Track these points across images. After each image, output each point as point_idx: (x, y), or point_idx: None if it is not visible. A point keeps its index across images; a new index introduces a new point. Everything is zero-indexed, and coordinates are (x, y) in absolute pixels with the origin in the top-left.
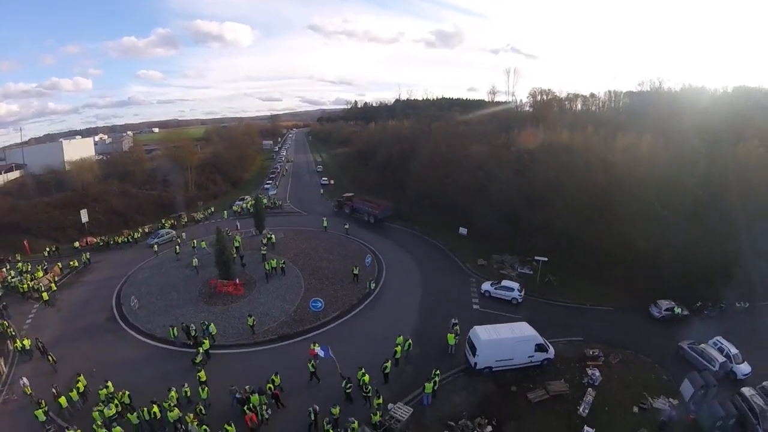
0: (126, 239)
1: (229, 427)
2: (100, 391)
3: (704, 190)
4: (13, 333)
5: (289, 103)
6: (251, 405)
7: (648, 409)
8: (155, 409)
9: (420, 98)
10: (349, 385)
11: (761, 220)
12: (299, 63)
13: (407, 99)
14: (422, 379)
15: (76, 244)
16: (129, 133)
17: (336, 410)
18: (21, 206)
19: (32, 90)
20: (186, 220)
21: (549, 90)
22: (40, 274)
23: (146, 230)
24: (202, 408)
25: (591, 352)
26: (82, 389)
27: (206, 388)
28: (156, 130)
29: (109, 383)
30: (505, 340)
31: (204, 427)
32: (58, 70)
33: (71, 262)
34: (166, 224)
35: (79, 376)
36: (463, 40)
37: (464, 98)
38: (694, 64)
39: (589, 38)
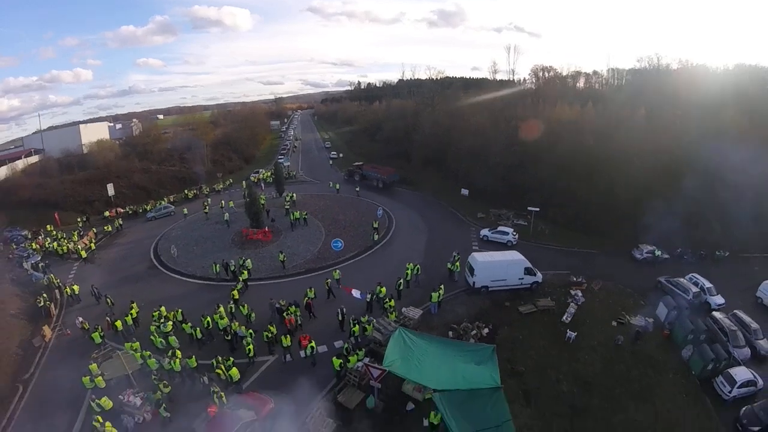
0: (155, 206)
1: (271, 327)
2: (153, 313)
3: (683, 151)
4: (60, 284)
5: (291, 87)
6: (289, 312)
7: (625, 323)
8: (207, 319)
9: (424, 77)
10: (369, 296)
11: (739, 180)
12: (300, 46)
13: (411, 79)
14: (429, 298)
15: (107, 213)
16: (136, 120)
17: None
18: (47, 183)
19: (33, 84)
20: (208, 190)
21: (551, 67)
22: (76, 238)
23: (171, 199)
24: (252, 313)
25: (575, 279)
26: (135, 315)
27: (246, 305)
28: (161, 116)
29: (162, 307)
30: (498, 262)
31: (249, 330)
32: (58, 63)
33: (105, 227)
34: (189, 194)
35: (132, 303)
36: (465, 19)
37: (468, 77)
38: (696, 41)
39: (591, 14)
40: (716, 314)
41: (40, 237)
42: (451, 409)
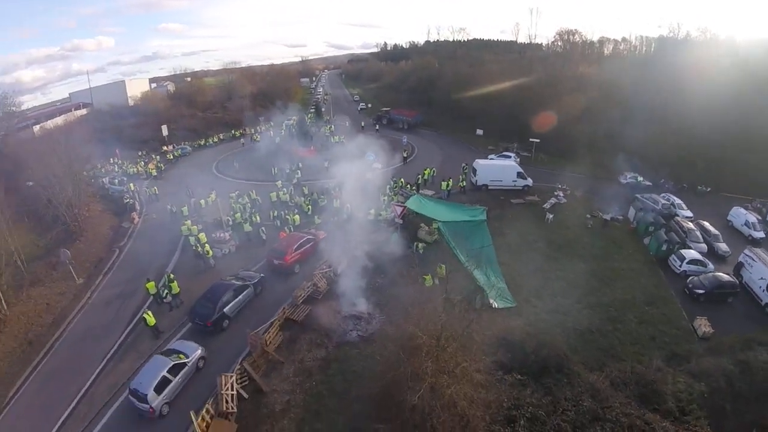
0: (206, 142)
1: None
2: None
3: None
4: (138, 189)
5: (316, 49)
6: None
7: (597, 217)
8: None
9: (450, 39)
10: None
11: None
12: (324, 6)
13: (437, 40)
14: (440, 186)
15: (164, 147)
16: (170, 82)
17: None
18: (103, 127)
19: (55, 54)
20: (252, 130)
21: (576, 30)
22: (141, 164)
23: (221, 137)
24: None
25: (560, 185)
26: (214, 198)
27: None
28: (188, 79)
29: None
30: (496, 165)
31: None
32: (79, 32)
33: (168, 155)
34: (236, 134)
35: (212, 192)
36: None
37: (495, 39)
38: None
39: None
40: (679, 219)
41: (107, 165)
42: (450, 233)
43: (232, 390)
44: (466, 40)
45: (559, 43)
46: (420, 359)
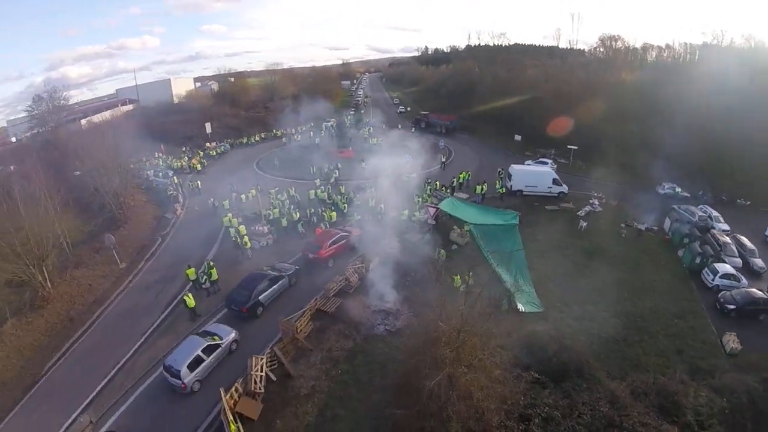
0: (248, 141)
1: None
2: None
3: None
4: (181, 183)
5: (357, 52)
6: None
7: (632, 227)
8: (311, 192)
9: (492, 44)
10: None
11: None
12: (366, 9)
13: (477, 45)
14: (474, 190)
15: (207, 144)
16: (213, 81)
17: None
18: (149, 123)
19: (102, 51)
20: (293, 130)
21: (619, 36)
22: (185, 159)
23: (263, 136)
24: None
25: (595, 193)
26: (254, 193)
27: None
28: (231, 79)
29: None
30: (531, 171)
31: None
32: (125, 32)
33: (210, 152)
34: (277, 133)
35: (252, 189)
36: None
37: (537, 44)
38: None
39: None
40: (715, 231)
41: (152, 159)
42: (481, 236)
43: (261, 372)
44: (506, 45)
45: (601, 49)
46: (440, 348)
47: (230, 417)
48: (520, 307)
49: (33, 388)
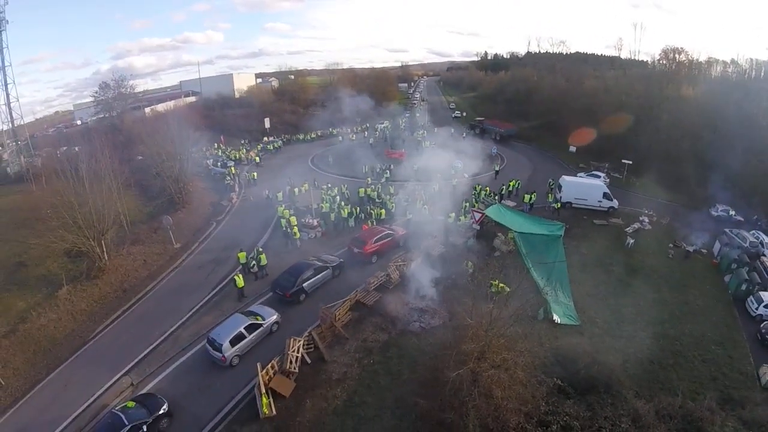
0: (304, 137)
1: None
2: (323, 186)
3: None
4: (238, 173)
5: (417, 55)
6: None
7: (680, 247)
8: (361, 191)
9: (552, 51)
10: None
11: None
12: (428, 12)
13: (537, 52)
14: (522, 198)
15: (265, 138)
16: (274, 78)
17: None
18: (211, 115)
19: (167, 44)
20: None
21: (682, 48)
22: (244, 151)
23: (318, 134)
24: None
25: (646, 211)
26: (307, 188)
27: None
28: (291, 77)
29: (325, 185)
30: (582, 183)
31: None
32: (190, 26)
33: (268, 146)
34: (332, 132)
35: (305, 183)
36: None
37: (598, 54)
38: None
39: None
40: (765, 259)
41: (212, 149)
42: (524, 244)
43: (298, 353)
44: (567, 53)
45: (664, 62)
46: (465, 344)
47: (263, 391)
48: (556, 318)
49: (81, 349)
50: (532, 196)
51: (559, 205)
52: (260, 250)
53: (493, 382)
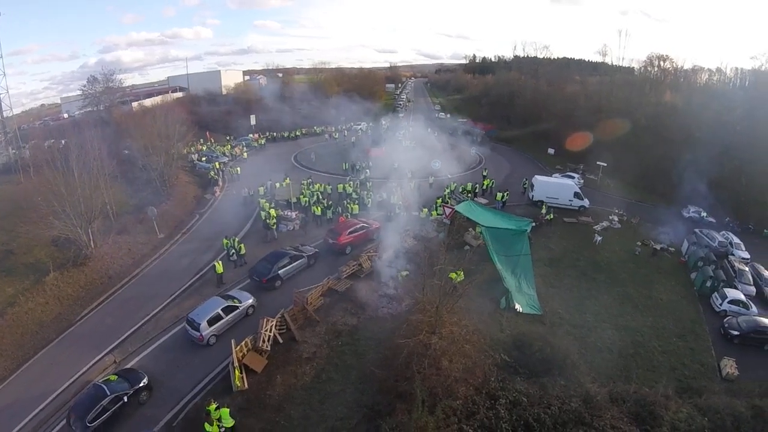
0: (290, 135)
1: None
2: (303, 181)
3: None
4: (223, 168)
5: (406, 56)
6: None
7: (648, 245)
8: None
9: (540, 56)
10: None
11: None
12: (418, 14)
13: (525, 56)
14: (494, 197)
15: (250, 135)
16: (262, 76)
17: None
18: (197, 110)
19: (155, 39)
20: (333, 128)
21: (667, 56)
22: (229, 147)
23: (303, 132)
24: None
25: (616, 210)
26: (288, 182)
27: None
28: (280, 75)
29: (305, 180)
30: (553, 182)
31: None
32: (179, 21)
33: (253, 142)
34: (317, 130)
35: (286, 178)
36: None
37: (585, 59)
38: None
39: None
40: (733, 258)
41: (198, 144)
42: (491, 239)
43: (270, 332)
44: (553, 58)
45: (649, 68)
46: (416, 315)
47: (237, 366)
48: (518, 307)
49: (66, 330)
50: (505, 194)
51: (551, 216)
52: (237, 240)
53: (442, 353)
